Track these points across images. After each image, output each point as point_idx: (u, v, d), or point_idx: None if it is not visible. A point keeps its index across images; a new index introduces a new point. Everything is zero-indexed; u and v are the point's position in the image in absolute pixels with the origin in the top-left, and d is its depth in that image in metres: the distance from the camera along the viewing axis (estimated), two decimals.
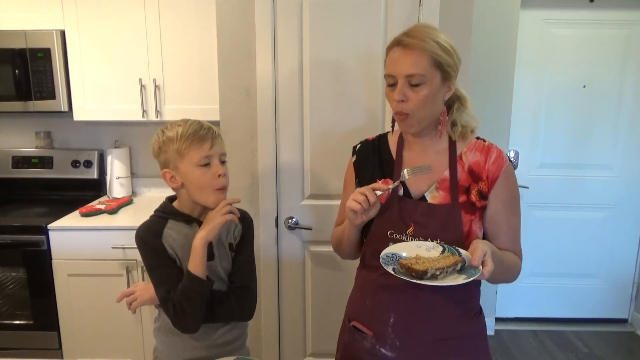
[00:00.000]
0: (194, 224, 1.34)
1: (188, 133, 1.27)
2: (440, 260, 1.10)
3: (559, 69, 3.04)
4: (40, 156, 2.86)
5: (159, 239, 1.30)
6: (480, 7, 2.67)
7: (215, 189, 1.30)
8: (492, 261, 1.07)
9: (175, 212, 1.36)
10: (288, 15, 1.99)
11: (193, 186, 1.30)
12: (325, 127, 2.08)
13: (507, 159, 1.28)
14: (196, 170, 1.28)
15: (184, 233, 1.33)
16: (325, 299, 2.23)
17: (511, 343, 3.09)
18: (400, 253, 1.17)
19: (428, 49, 1.17)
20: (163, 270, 1.29)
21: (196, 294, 1.25)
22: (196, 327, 1.29)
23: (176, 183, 1.31)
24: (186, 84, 2.50)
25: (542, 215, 3.18)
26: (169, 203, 1.39)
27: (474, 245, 1.11)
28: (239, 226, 1.42)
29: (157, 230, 1.32)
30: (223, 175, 1.30)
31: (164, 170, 1.32)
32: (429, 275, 1.07)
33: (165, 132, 1.31)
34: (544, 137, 3.14)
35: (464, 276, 1.08)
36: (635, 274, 3.28)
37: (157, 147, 1.31)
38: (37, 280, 2.39)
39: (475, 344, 1.32)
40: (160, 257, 1.30)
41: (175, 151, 1.28)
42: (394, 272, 1.10)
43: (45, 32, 2.43)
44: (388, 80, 1.24)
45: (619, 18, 2.97)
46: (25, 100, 2.49)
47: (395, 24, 1.97)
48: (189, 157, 1.27)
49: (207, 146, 1.28)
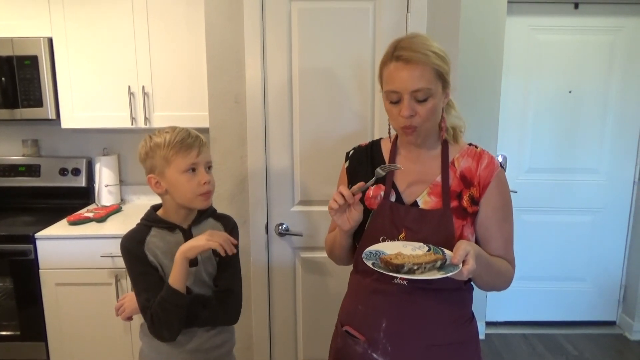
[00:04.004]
0: (176, 230, 1.37)
1: (176, 140, 1.29)
2: (421, 257, 1.11)
3: (545, 74, 3.08)
4: (27, 164, 2.83)
5: (142, 247, 1.32)
6: (467, 15, 2.71)
7: (199, 194, 1.32)
8: (474, 261, 1.06)
9: (158, 219, 1.37)
10: (277, 23, 2.00)
11: (178, 192, 1.32)
12: (315, 133, 2.08)
13: (498, 165, 1.29)
14: (182, 177, 1.30)
15: (167, 240, 1.35)
16: (316, 305, 2.23)
17: (502, 347, 3.10)
18: (384, 250, 1.18)
19: (430, 61, 1.17)
20: (144, 278, 1.31)
21: (173, 306, 1.26)
22: (172, 337, 1.31)
23: (161, 189, 1.34)
24: (175, 91, 2.50)
25: (530, 219, 3.21)
26: (153, 211, 1.40)
27: (457, 244, 1.10)
28: (222, 230, 1.43)
29: (140, 238, 1.34)
30: (208, 182, 1.33)
31: (150, 175, 1.34)
32: (405, 269, 1.07)
33: (153, 138, 1.32)
34: (532, 142, 3.17)
35: (442, 272, 1.08)
36: (622, 277, 3.32)
37: (144, 152, 1.33)
38: (24, 290, 2.35)
39: (467, 350, 1.32)
40: (142, 265, 1.32)
41: (162, 158, 1.30)
42: (373, 266, 1.11)
43: (33, 40, 2.42)
44: (391, 97, 1.21)
45: (604, 24, 3.02)
46: (12, 108, 2.47)
47: (383, 31, 1.98)
48: (176, 164, 1.30)
49: (194, 154, 1.31)
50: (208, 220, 1.44)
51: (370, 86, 2.04)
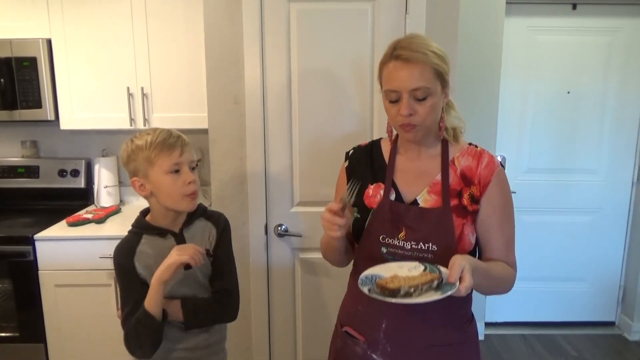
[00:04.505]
0: (168, 235, 1.36)
1: (157, 141, 1.29)
2: (416, 278, 1.09)
3: (543, 75, 3.08)
4: (26, 165, 2.83)
5: (131, 260, 1.33)
6: (465, 16, 2.71)
7: (185, 195, 1.32)
8: (470, 277, 1.04)
9: (148, 226, 1.37)
10: (276, 24, 2.00)
11: (163, 193, 1.31)
12: (315, 134, 2.08)
13: (499, 165, 1.28)
14: (166, 177, 1.29)
15: (159, 247, 1.35)
16: (316, 305, 2.23)
17: (501, 347, 3.10)
18: (379, 274, 1.16)
19: (429, 60, 1.17)
20: (128, 293, 1.33)
21: (145, 328, 1.27)
22: (145, 356, 1.32)
23: (145, 191, 1.33)
24: (174, 92, 2.49)
25: (529, 220, 3.21)
26: (142, 217, 1.40)
27: (452, 260, 1.08)
28: (213, 230, 1.43)
29: (130, 249, 1.34)
30: (193, 182, 1.32)
31: (134, 178, 1.33)
32: (402, 293, 1.05)
33: (134, 140, 1.32)
34: (530, 143, 3.17)
35: (440, 292, 1.06)
36: (621, 277, 3.32)
37: (126, 155, 1.32)
38: (24, 291, 2.35)
39: (466, 350, 1.32)
40: (128, 280, 1.33)
41: (144, 159, 1.29)
42: (369, 292, 1.08)
43: (31, 41, 2.42)
44: (390, 96, 1.22)
45: (602, 25, 3.03)
46: (11, 110, 2.47)
47: (382, 33, 1.99)
48: (159, 165, 1.29)
49: (176, 154, 1.30)
50: (199, 220, 1.43)
51: (369, 87, 2.04)
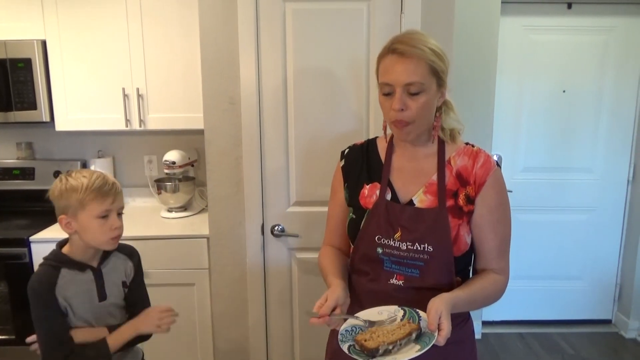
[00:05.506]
0: (87, 270, 1.40)
1: (94, 187, 1.33)
2: (395, 332, 1.08)
3: (539, 74, 3.09)
4: (21, 167, 2.81)
5: (52, 291, 1.35)
6: (460, 15, 2.70)
7: (110, 238, 1.37)
8: (449, 323, 1.04)
9: (68, 260, 1.39)
10: (271, 24, 2.00)
11: (89, 235, 1.36)
12: (311, 133, 2.08)
13: (495, 165, 1.27)
14: (95, 221, 1.34)
15: (79, 281, 1.38)
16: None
17: (498, 346, 3.11)
18: (358, 324, 1.16)
19: (425, 56, 1.17)
20: (49, 324, 1.36)
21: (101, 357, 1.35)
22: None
23: (71, 229, 1.36)
24: (170, 93, 2.48)
25: (525, 219, 3.21)
26: (60, 250, 1.42)
27: (429, 305, 1.07)
28: (129, 263, 1.49)
29: (51, 281, 1.35)
30: (119, 227, 1.38)
31: (62, 216, 1.35)
32: (381, 352, 1.04)
33: (69, 180, 1.34)
34: (526, 142, 3.18)
35: (418, 347, 1.05)
36: (617, 275, 3.33)
37: (58, 192, 1.34)
38: (19, 293, 2.33)
39: (463, 349, 1.32)
40: (47, 310, 1.35)
41: (77, 201, 1.32)
42: (349, 351, 1.08)
43: (26, 42, 2.41)
44: (384, 89, 1.21)
45: (597, 24, 3.03)
46: (5, 111, 2.46)
47: (377, 32, 1.99)
48: (90, 209, 1.33)
49: (109, 201, 1.35)
50: (114, 255, 1.48)
51: (364, 87, 2.03)
